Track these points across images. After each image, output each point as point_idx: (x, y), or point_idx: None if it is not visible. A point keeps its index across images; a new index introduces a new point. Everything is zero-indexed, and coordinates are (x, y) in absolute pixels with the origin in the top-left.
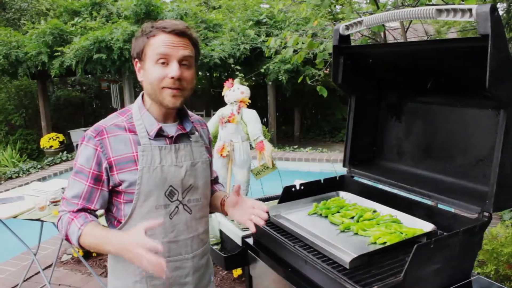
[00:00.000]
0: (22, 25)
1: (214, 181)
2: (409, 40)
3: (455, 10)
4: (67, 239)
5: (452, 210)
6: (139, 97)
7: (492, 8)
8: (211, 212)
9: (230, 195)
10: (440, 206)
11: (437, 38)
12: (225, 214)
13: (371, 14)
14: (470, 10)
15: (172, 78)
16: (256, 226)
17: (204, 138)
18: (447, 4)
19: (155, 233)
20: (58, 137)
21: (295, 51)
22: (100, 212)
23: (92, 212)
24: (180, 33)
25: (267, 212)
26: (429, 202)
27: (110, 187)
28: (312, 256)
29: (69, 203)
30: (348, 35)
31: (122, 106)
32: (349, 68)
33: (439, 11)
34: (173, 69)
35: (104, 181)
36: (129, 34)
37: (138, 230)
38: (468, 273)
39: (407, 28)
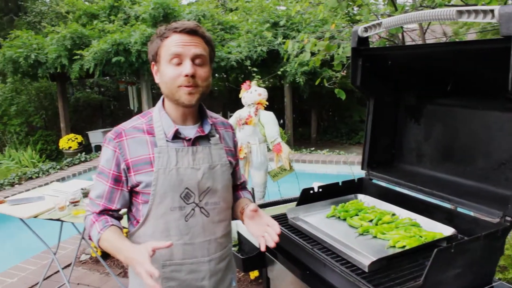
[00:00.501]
0: (42, 28)
1: (241, 186)
2: (427, 41)
3: (476, 11)
4: (90, 239)
5: (472, 214)
6: (160, 100)
7: None
8: (232, 219)
9: (247, 210)
10: (460, 210)
11: (457, 40)
12: (243, 222)
13: (389, 15)
14: (492, 11)
15: (186, 75)
16: None
17: (228, 141)
18: (467, 5)
19: (170, 235)
20: (76, 138)
21: (312, 54)
22: (124, 210)
23: (114, 212)
24: (191, 32)
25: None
26: (448, 205)
27: (129, 188)
28: (331, 259)
29: (93, 203)
30: (367, 37)
31: (140, 107)
32: (367, 70)
33: (460, 13)
34: (187, 67)
35: (124, 182)
36: (147, 37)
37: (145, 249)
38: (490, 278)
39: (426, 30)
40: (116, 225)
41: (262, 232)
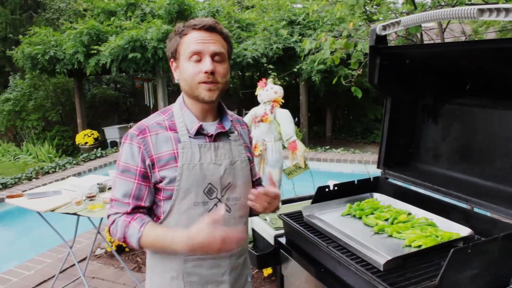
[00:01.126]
0: (60, 24)
1: (257, 182)
2: (445, 40)
3: (498, 10)
4: (125, 241)
5: (490, 214)
6: (180, 97)
7: None
8: (251, 215)
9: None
10: (477, 210)
11: (476, 39)
12: None
13: (407, 14)
14: None
15: (206, 72)
16: (289, 225)
17: (244, 137)
18: (487, 3)
19: None
20: (92, 134)
21: (331, 52)
22: None
23: (144, 209)
24: (210, 29)
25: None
26: (465, 206)
27: (153, 184)
28: (346, 257)
29: (120, 204)
30: (385, 36)
31: (156, 104)
32: (385, 69)
33: (481, 11)
34: (206, 64)
35: (149, 178)
36: (163, 33)
37: (204, 224)
38: (508, 280)
39: (445, 28)
40: (152, 221)
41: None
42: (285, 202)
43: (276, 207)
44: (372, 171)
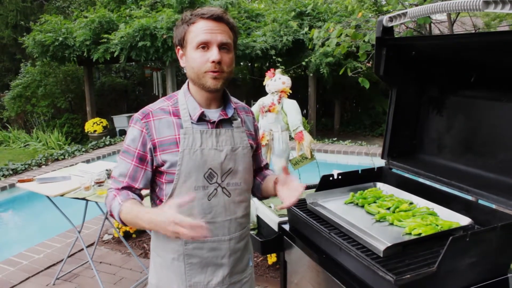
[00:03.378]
0: (70, 13)
1: (265, 167)
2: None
3: (503, 2)
4: (111, 214)
5: (491, 205)
6: (185, 84)
7: None
8: (262, 198)
9: (281, 175)
10: (479, 201)
11: (482, 31)
12: (276, 194)
13: (417, 6)
14: None
15: (213, 62)
16: (293, 212)
17: (248, 125)
18: None
19: (194, 214)
20: (101, 122)
21: (338, 44)
22: (145, 192)
23: (136, 190)
24: (218, 18)
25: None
26: (467, 196)
27: (154, 167)
28: (347, 243)
29: (116, 181)
30: (391, 27)
31: (164, 93)
32: (391, 60)
33: (486, 3)
34: (214, 54)
35: (148, 161)
36: (173, 22)
37: (168, 207)
38: (505, 269)
39: (454, 21)
40: (136, 199)
41: (291, 197)
42: None
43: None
44: (379, 163)
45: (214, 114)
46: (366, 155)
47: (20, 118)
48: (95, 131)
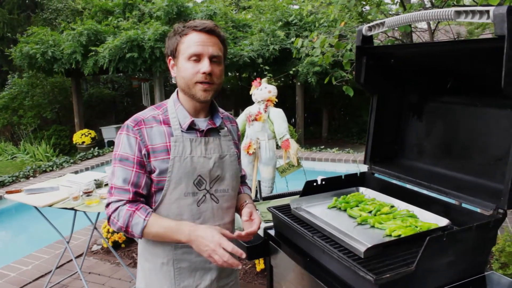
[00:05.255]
0: (58, 24)
1: (241, 180)
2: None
3: (473, 12)
4: (127, 230)
5: (469, 207)
6: (175, 93)
7: (509, 9)
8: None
9: (244, 214)
10: (456, 203)
11: (457, 39)
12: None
13: (397, 15)
14: (487, 11)
15: (204, 73)
16: (278, 217)
17: (233, 134)
18: (475, 5)
19: (183, 219)
20: (90, 133)
21: (323, 53)
22: None
23: (143, 197)
24: (210, 31)
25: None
26: (446, 199)
27: (148, 173)
28: (330, 246)
29: (120, 191)
30: (371, 36)
31: (153, 104)
32: (371, 68)
33: (458, 13)
34: (205, 65)
35: (146, 167)
36: (160, 34)
37: (216, 231)
38: (482, 268)
39: (434, 30)
40: (155, 213)
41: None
42: (276, 197)
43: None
44: (365, 170)
45: (202, 123)
46: (354, 162)
47: (7, 130)
48: (83, 142)
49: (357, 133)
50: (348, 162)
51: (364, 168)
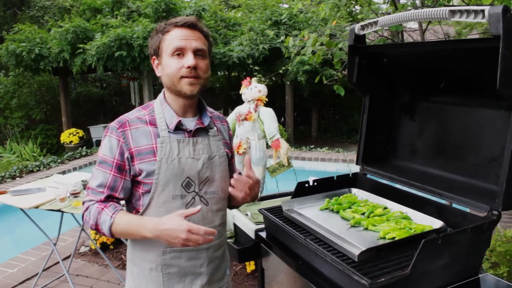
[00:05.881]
0: (45, 22)
1: None
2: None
3: (468, 11)
4: (97, 228)
5: (463, 208)
6: (161, 93)
7: (504, 9)
8: (232, 207)
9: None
10: (450, 204)
11: (449, 39)
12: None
13: (388, 14)
14: (482, 11)
15: (189, 67)
16: (269, 219)
17: (224, 134)
18: (468, 5)
19: None
20: (78, 133)
21: (313, 52)
22: (123, 202)
23: (117, 200)
24: (192, 26)
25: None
26: (440, 200)
27: (131, 177)
28: (323, 249)
29: (95, 192)
30: (364, 35)
31: (141, 103)
32: (363, 67)
33: (452, 12)
34: (189, 59)
35: (127, 171)
36: (149, 32)
37: (178, 216)
38: (476, 270)
39: (425, 30)
40: (124, 210)
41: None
42: (267, 198)
43: (256, 194)
44: (355, 169)
45: (190, 123)
46: (344, 162)
47: None
48: (71, 141)
49: (347, 132)
50: (338, 162)
51: (354, 167)
